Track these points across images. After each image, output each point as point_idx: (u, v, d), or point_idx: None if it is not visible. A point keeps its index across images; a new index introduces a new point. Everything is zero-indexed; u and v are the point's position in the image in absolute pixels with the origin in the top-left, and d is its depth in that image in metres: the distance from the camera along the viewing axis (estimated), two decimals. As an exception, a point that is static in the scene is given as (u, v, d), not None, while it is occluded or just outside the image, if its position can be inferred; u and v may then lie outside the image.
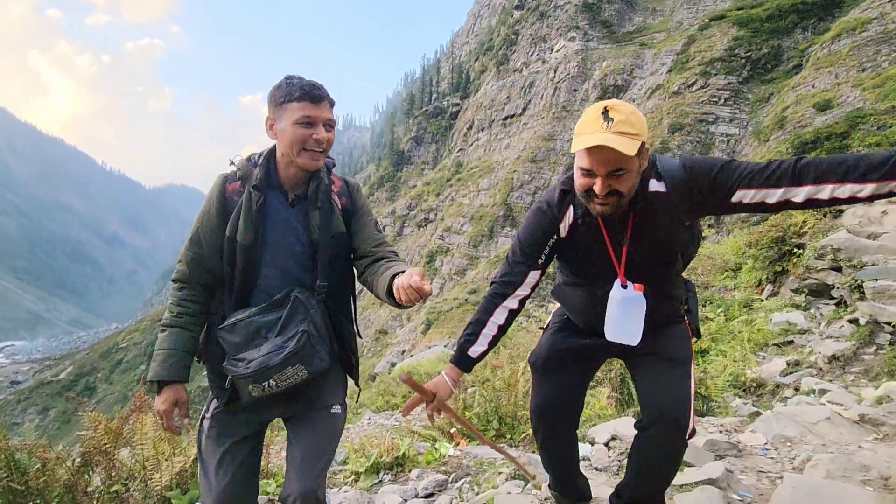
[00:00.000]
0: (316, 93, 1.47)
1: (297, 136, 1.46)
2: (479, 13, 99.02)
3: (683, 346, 1.65)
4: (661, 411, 1.53)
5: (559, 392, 1.78)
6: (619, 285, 1.59)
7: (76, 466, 2.45)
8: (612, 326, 1.61)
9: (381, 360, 30.35)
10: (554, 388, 1.78)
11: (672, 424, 1.51)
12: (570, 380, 1.79)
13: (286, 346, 1.41)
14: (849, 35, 24.14)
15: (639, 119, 1.38)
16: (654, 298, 1.60)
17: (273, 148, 1.58)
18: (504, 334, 1.73)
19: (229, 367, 1.45)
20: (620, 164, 1.37)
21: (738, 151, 28.51)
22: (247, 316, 1.46)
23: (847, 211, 6.05)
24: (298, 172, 1.54)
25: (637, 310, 1.58)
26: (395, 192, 67.41)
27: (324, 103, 1.49)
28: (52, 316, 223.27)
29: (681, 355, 1.62)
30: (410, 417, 5.91)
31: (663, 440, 1.55)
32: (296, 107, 1.45)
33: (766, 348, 4.74)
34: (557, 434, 1.84)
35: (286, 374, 1.41)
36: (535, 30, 56.44)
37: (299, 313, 1.45)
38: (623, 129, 1.34)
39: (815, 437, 2.71)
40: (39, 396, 64.58)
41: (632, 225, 1.53)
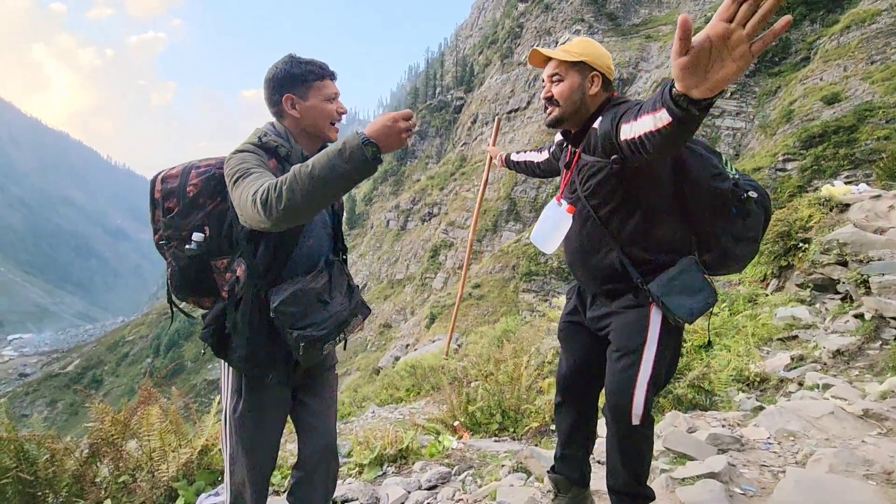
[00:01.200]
0: (332, 70, 1.61)
1: (328, 111, 1.58)
2: (483, 6, 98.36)
3: (636, 333, 1.62)
4: (608, 402, 1.66)
5: (574, 360, 1.89)
6: (554, 201, 1.78)
7: (84, 457, 2.48)
8: (537, 232, 1.79)
9: (385, 354, 30.51)
10: (569, 357, 1.91)
11: (613, 412, 1.63)
12: (581, 347, 1.87)
13: (347, 301, 1.61)
14: (858, 27, 23.84)
15: (588, 47, 1.66)
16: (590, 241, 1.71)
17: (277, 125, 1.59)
18: (531, 169, 2.33)
19: (302, 334, 1.47)
20: (555, 69, 1.68)
21: (744, 145, 28.32)
22: (302, 286, 1.51)
23: (854, 206, 6.00)
24: (316, 145, 1.64)
25: (561, 226, 1.73)
26: (399, 187, 67.37)
27: (335, 79, 1.64)
28: (58, 309, 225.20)
29: (630, 344, 1.62)
30: (414, 411, 5.95)
31: (612, 429, 1.67)
32: (323, 84, 1.58)
33: (770, 343, 4.73)
34: (574, 402, 1.92)
35: (352, 325, 1.62)
36: (539, 22, 56.05)
37: (341, 274, 1.65)
38: (567, 48, 1.68)
39: (819, 432, 2.71)
40: (47, 388, 65.35)
41: (577, 156, 1.71)
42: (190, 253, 1.51)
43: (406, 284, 45.58)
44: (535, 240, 1.80)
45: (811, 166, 18.71)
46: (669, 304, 1.56)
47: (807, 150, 19.46)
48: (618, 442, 1.66)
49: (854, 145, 17.95)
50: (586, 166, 1.66)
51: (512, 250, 34.68)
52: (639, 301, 1.65)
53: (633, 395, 1.58)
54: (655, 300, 1.58)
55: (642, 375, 1.58)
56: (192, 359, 60.69)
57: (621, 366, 1.62)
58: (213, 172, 1.54)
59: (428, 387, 8.19)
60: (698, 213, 1.62)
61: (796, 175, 19.20)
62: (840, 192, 6.33)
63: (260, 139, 1.51)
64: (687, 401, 3.60)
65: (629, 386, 1.59)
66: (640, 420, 1.58)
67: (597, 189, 1.63)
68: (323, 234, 1.65)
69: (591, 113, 1.68)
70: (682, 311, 1.56)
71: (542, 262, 30.65)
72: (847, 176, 16.24)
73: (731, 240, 1.65)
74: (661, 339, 1.61)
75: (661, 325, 1.61)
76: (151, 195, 1.58)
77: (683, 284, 1.58)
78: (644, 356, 1.59)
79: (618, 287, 1.70)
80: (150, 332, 76.25)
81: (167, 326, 72.74)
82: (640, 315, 1.63)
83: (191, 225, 1.52)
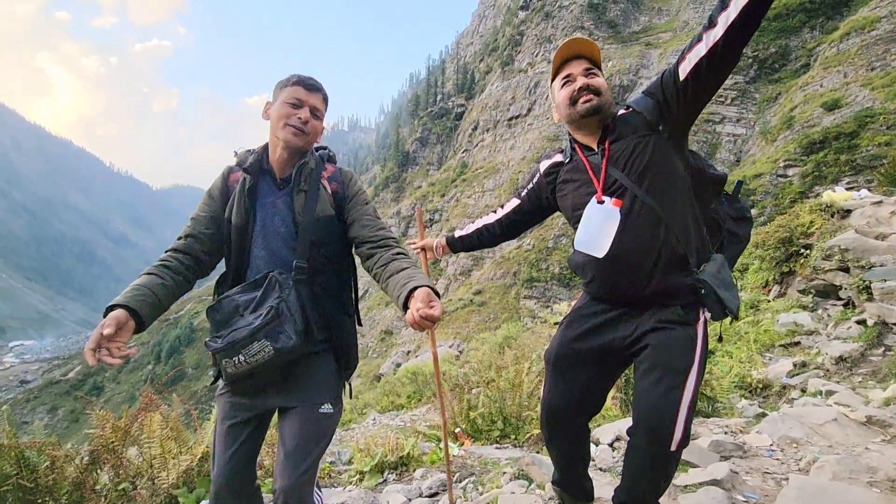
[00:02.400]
0: (311, 82, 1.62)
1: (282, 113, 1.59)
2: (483, 14, 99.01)
3: (684, 354, 1.54)
4: (643, 421, 1.55)
5: (570, 392, 1.75)
6: (594, 201, 1.66)
7: (84, 464, 2.48)
8: (582, 237, 1.67)
9: (387, 360, 30.42)
10: (565, 387, 1.76)
11: (652, 436, 1.52)
12: (583, 380, 1.74)
13: (255, 321, 1.44)
14: (857, 34, 23.92)
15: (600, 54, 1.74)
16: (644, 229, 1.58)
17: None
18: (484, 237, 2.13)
19: (210, 343, 1.51)
20: (594, 61, 1.71)
21: (745, 151, 28.34)
22: (228, 295, 1.54)
23: (855, 212, 6.00)
24: (283, 154, 1.62)
25: (609, 224, 1.61)
26: (401, 193, 67.51)
27: (316, 93, 1.63)
28: (60, 315, 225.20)
29: (677, 364, 1.53)
30: (415, 418, 5.92)
31: (644, 450, 1.56)
32: (290, 90, 1.61)
33: (772, 349, 4.71)
34: (564, 433, 1.82)
35: (253, 350, 1.43)
36: (540, 30, 56.37)
37: (273, 291, 1.49)
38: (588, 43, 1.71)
39: (822, 439, 2.69)
40: (48, 395, 65.22)
41: (608, 147, 1.67)
42: None
43: (407, 291, 45.52)
44: (581, 246, 1.67)
45: (812, 172, 18.72)
46: (723, 297, 1.52)
47: (808, 157, 19.48)
48: (651, 465, 1.57)
49: (855, 151, 17.96)
50: (623, 151, 1.63)
51: (513, 257, 34.65)
52: (687, 317, 1.57)
53: (675, 421, 1.49)
54: (708, 292, 1.53)
55: (686, 399, 1.50)
56: (193, 365, 60.57)
57: (664, 388, 1.52)
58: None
59: (429, 393, 8.16)
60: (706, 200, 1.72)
61: (797, 181, 19.21)
62: (841, 198, 6.33)
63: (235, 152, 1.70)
64: (689, 407, 3.58)
65: (674, 411, 1.49)
66: (678, 445, 1.51)
67: (647, 166, 1.59)
68: (278, 245, 1.59)
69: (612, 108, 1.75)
70: (734, 305, 1.55)
71: (543, 269, 30.61)
72: (848, 182, 16.24)
73: (733, 222, 1.77)
74: (702, 362, 1.56)
75: (703, 347, 1.57)
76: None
77: (724, 279, 1.57)
78: (689, 379, 1.52)
79: (675, 281, 1.58)
80: (152, 339, 76.14)
81: (168, 333, 72.74)
82: (689, 334, 1.56)
83: None
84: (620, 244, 1.61)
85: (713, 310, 1.56)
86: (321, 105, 1.65)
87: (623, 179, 1.61)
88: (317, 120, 1.64)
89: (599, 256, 1.64)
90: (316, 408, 1.56)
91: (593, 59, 1.72)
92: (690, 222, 1.61)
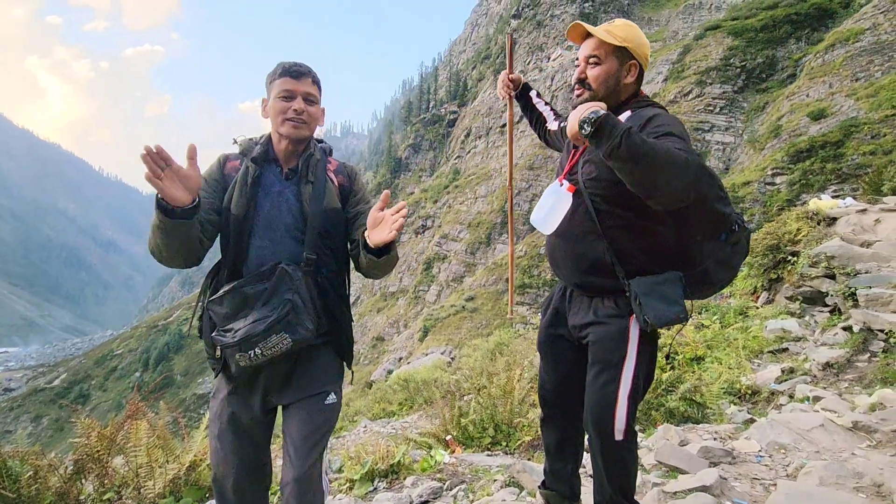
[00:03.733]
0: (296, 69, 1.59)
1: (278, 108, 1.58)
2: (476, 22, 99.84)
3: (617, 346, 1.59)
4: (587, 418, 1.63)
5: (555, 373, 1.86)
6: (556, 182, 1.72)
7: (68, 474, 2.44)
8: (537, 212, 1.72)
9: (378, 367, 30.25)
10: (551, 368, 1.88)
11: (596, 431, 1.60)
12: (566, 361, 1.83)
13: (271, 314, 1.45)
14: (842, 45, 24.42)
15: (632, 32, 1.62)
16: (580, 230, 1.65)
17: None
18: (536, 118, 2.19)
19: (218, 337, 1.49)
20: (594, 50, 1.62)
21: (733, 159, 28.72)
22: (234, 287, 1.50)
23: (840, 219, 6.10)
24: (289, 146, 1.63)
25: (561, 205, 1.66)
26: (393, 199, 67.32)
27: (304, 79, 1.60)
28: (46, 322, 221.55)
29: (611, 357, 1.59)
30: (406, 425, 5.88)
31: (596, 445, 1.64)
32: (278, 83, 1.58)
33: (761, 355, 4.75)
34: (556, 415, 1.89)
35: (270, 343, 1.44)
36: (532, 39, 56.95)
37: (285, 284, 1.49)
38: (610, 29, 1.62)
39: (809, 445, 2.72)
40: (32, 404, 63.95)
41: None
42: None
43: (399, 297, 45.39)
44: (534, 221, 1.73)
45: (799, 180, 19.00)
46: (644, 304, 1.52)
47: (795, 165, 19.77)
48: (602, 458, 1.64)
49: (841, 160, 18.27)
50: (595, 156, 1.61)
51: (505, 263, 34.72)
52: (620, 311, 1.62)
53: (615, 412, 1.56)
54: (634, 297, 1.55)
55: (622, 391, 1.56)
56: (181, 372, 59.77)
57: (602, 381, 1.60)
58: None
59: (421, 400, 8.12)
60: (693, 230, 1.60)
61: (785, 189, 19.48)
62: (827, 206, 6.43)
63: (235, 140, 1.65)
64: (679, 413, 3.60)
65: (611, 402, 1.57)
66: (624, 435, 1.57)
67: (598, 180, 1.60)
68: (282, 236, 1.57)
69: (618, 103, 1.65)
70: (653, 314, 1.51)
71: (535, 275, 30.70)
72: (834, 190, 16.50)
73: (714, 263, 1.64)
74: (640, 353, 1.60)
75: (640, 338, 1.60)
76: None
77: (663, 293, 1.54)
78: (623, 371, 1.57)
79: (597, 281, 1.66)
80: (140, 346, 75.11)
81: (157, 340, 71.83)
82: (621, 327, 1.61)
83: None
84: (564, 228, 1.68)
85: (637, 317, 1.56)
86: (313, 89, 1.62)
87: (580, 175, 1.66)
88: (312, 105, 1.61)
89: (547, 233, 1.72)
90: (321, 399, 1.60)
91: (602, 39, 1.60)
92: (637, 242, 1.59)
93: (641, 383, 1.63)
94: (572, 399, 1.83)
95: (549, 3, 57.26)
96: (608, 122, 1.30)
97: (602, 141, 1.30)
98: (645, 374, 1.65)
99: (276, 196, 1.60)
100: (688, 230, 1.60)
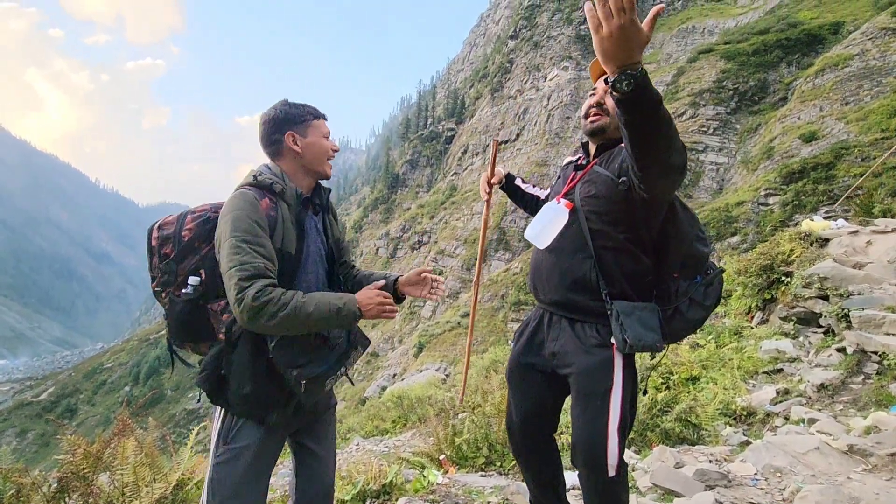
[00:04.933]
0: (324, 113, 1.74)
1: (325, 147, 1.68)
2: (474, 42, 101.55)
3: (603, 377, 1.59)
4: (578, 455, 1.61)
5: (522, 405, 1.84)
6: (553, 201, 1.78)
7: (52, 492, 2.37)
8: (532, 227, 1.77)
9: (372, 383, 29.93)
10: (519, 400, 1.85)
11: (588, 468, 1.59)
12: (534, 393, 1.82)
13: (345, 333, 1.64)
14: (832, 70, 24.97)
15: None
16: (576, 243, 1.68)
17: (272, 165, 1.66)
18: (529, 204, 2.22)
19: (302, 372, 1.50)
20: None
21: (727, 180, 29.07)
22: None
23: (833, 241, 6.16)
24: (312, 182, 1.71)
25: (557, 220, 1.71)
26: (390, 215, 67.62)
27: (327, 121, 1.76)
28: (35, 334, 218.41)
29: (597, 388, 1.59)
30: (399, 444, 5.80)
31: (588, 482, 1.62)
32: (320, 123, 1.69)
33: (756, 376, 4.74)
34: (528, 450, 1.86)
35: (353, 358, 1.65)
36: (529, 59, 57.86)
37: None
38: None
39: (805, 468, 2.70)
40: (18, 418, 62.63)
41: (590, 165, 1.74)
42: (186, 297, 1.51)
43: (394, 312, 45.21)
44: (529, 235, 1.78)
45: (792, 201, 19.22)
46: (625, 324, 1.54)
47: (787, 186, 20.02)
48: (596, 495, 1.61)
49: (832, 182, 18.52)
50: (595, 177, 1.69)
51: (501, 279, 34.71)
52: (603, 339, 1.63)
53: (606, 446, 1.54)
54: (616, 316, 1.57)
55: (612, 423, 1.54)
56: (172, 387, 58.89)
57: (590, 415, 1.58)
58: (208, 216, 1.58)
59: (415, 418, 8.02)
60: (671, 267, 1.66)
61: (778, 209, 19.69)
62: (819, 227, 6.50)
63: (255, 177, 1.57)
64: (674, 435, 3.58)
65: (601, 437, 1.54)
66: (616, 470, 1.55)
67: (595, 200, 1.66)
68: (319, 268, 1.68)
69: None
70: (632, 335, 1.52)
71: (531, 292, 30.65)
72: (826, 211, 16.68)
73: (688, 302, 1.67)
74: (625, 381, 1.59)
75: (623, 367, 1.60)
76: (149, 243, 1.59)
77: (644, 319, 1.57)
78: (612, 402, 1.56)
79: (579, 300, 1.67)
80: (131, 360, 74.06)
81: (148, 353, 70.85)
82: (605, 357, 1.61)
83: (186, 269, 1.54)
84: (555, 244, 1.72)
85: (616, 336, 1.57)
86: None
87: (577, 194, 1.71)
88: None
89: (541, 248, 1.75)
90: (332, 409, 1.79)
91: None
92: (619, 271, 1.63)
93: (628, 413, 1.62)
94: (542, 430, 1.84)
95: (546, 25, 58.40)
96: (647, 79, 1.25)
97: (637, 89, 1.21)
98: (630, 403, 1.64)
99: (313, 231, 1.70)
100: (666, 266, 1.66)
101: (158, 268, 1.56)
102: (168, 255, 1.55)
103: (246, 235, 1.44)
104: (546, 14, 59.75)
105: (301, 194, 1.64)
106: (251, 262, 1.41)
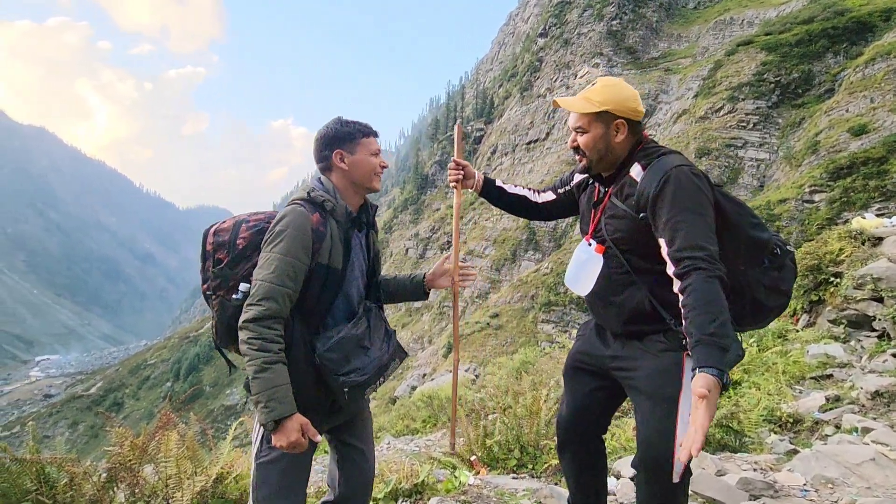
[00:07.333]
0: (375, 130, 1.79)
1: (373, 164, 1.74)
2: (503, 41, 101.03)
3: (671, 378, 1.53)
4: (643, 455, 1.55)
5: (574, 402, 1.83)
6: (584, 242, 1.75)
7: (102, 482, 2.48)
8: (569, 274, 1.77)
9: (402, 383, 30.17)
10: (571, 397, 1.85)
11: (653, 470, 1.53)
12: (586, 392, 1.80)
13: (386, 346, 1.71)
14: (883, 59, 23.62)
15: (609, 92, 1.60)
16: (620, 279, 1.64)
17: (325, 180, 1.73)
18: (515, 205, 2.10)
19: (346, 380, 1.58)
20: (578, 122, 1.65)
21: (768, 176, 27.92)
22: (345, 333, 1.61)
23: (887, 239, 5.81)
24: (360, 198, 1.78)
25: (592, 267, 1.68)
26: (419, 215, 68.05)
27: (378, 137, 1.82)
28: (86, 331, 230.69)
29: (665, 391, 1.52)
30: (430, 443, 5.82)
31: (647, 485, 1.57)
32: (370, 141, 1.75)
33: (802, 382, 4.52)
34: (573, 449, 1.85)
35: (391, 369, 1.71)
36: (558, 56, 57.15)
37: (379, 320, 1.74)
38: (587, 95, 1.63)
39: (859, 480, 2.55)
40: (70, 410, 66.29)
41: (607, 197, 1.68)
42: (236, 302, 1.58)
43: (424, 312, 45.42)
44: (568, 282, 1.77)
45: (840, 198, 18.29)
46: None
47: (834, 182, 19.06)
48: (653, 498, 1.55)
49: (885, 177, 17.52)
50: (616, 211, 1.63)
51: (531, 280, 34.37)
52: (670, 344, 1.56)
53: (674, 451, 1.44)
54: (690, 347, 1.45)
55: (681, 427, 1.45)
56: (210, 383, 61.03)
57: (658, 416, 1.51)
58: (263, 227, 1.65)
59: (444, 418, 8.03)
60: (732, 261, 1.54)
61: (824, 207, 18.76)
62: (872, 225, 6.14)
63: (308, 193, 1.65)
64: (715, 441, 3.44)
65: (669, 440, 1.46)
66: (681, 477, 1.45)
67: (623, 236, 1.61)
68: (360, 282, 1.75)
69: (622, 157, 1.65)
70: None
71: (561, 293, 30.25)
72: (879, 208, 15.79)
73: (764, 291, 1.60)
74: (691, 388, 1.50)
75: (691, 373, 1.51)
76: (203, 247, 1.67)
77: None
78: (680, 406, 1.48)
79: (644, 329, 1.62)
80: (172, 356, 77.18)
81: (188, 351, 73.67)
82: (676, 360, 1.54)
83: (238, 275, 1.61)
84: (599, 286, 1.69)
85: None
86: None
87: (605, 233, 1.66)
88: None
89: (583, 295, 1.73)
90: (369, 407, 1.89)
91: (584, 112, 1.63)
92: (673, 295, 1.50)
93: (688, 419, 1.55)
94: (588, 429, 1.82)
95: (577, 21, 57.49)
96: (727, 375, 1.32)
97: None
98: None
99: (358, 248, 1.75)
100: (727, 262, 1.52)
101: (212, 272, 1.63)
102: (221, 260, 1.62)
103: (287, 257, 1.52)
104: (576, 11, 58.83)
105: (350, 213, 1.70)
106: (280, 287, 1.50)
